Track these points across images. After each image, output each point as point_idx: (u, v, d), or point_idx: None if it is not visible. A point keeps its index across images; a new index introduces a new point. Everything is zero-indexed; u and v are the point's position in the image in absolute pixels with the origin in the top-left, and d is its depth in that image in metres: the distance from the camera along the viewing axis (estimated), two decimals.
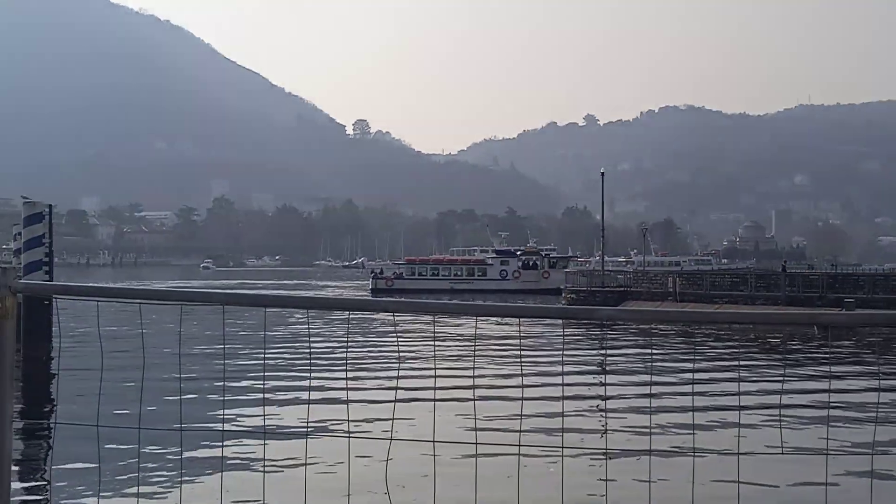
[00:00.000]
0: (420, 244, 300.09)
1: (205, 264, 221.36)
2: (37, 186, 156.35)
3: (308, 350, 25.48)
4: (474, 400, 17.40)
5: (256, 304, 4.56)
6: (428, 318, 22.15)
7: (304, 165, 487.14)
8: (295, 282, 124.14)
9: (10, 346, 4.02)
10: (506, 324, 33.91)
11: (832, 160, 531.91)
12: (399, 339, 34.90)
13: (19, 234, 32.19)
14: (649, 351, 30.51)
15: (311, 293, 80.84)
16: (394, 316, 5.71)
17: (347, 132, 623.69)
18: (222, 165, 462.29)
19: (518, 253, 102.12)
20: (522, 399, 17.46)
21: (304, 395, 17.74)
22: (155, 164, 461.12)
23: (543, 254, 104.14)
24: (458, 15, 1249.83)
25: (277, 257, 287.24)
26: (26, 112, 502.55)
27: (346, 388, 18.56)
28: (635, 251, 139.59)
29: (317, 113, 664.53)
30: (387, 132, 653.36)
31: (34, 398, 18.59)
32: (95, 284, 4.56)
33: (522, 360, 26.75)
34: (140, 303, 4.50)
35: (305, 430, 13.20)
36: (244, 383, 21.46)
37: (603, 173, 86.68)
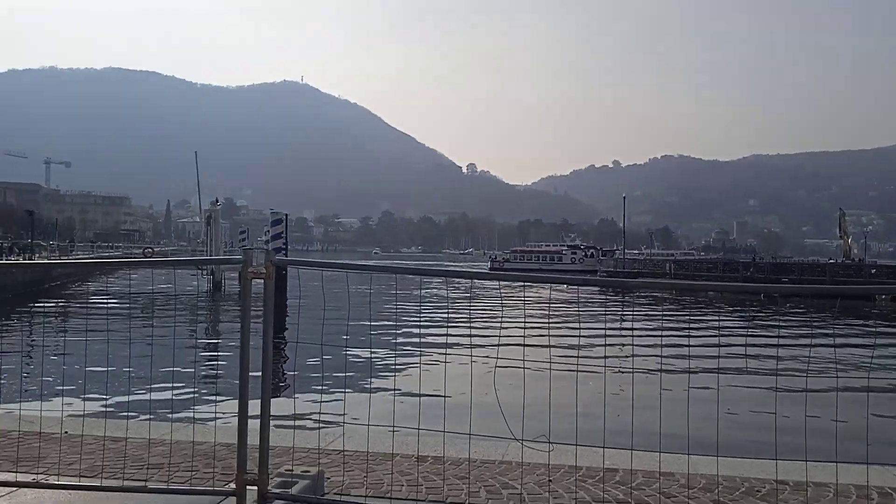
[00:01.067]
0: (507, 241, 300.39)
1: (375, 251, 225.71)
2: (278, 203, 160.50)
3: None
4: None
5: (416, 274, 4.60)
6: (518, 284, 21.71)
7: (436, 191, 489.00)
8: (433, 262, 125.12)
9: (270, 296, 4.13)
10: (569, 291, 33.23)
11: (773, 189, 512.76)
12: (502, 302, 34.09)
13: (268, 230, 33.42)
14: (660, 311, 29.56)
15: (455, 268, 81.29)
16: (499, 284, 5.55)
17: (463, 171, 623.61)
18: (386, 191, 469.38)
19: (582, 246, 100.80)
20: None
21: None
22: (346, 191, 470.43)
23: (599, 248, 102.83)
24: (529, 84, 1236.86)
25: (420, 247, 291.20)
26: (271, 160, 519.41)
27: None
28: (644, 247, 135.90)
29: (443, 159, 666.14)
30: (487, 171, 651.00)
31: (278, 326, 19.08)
32: (310, 259, 4.67)
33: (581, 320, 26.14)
34: (343, 270, 4.56)
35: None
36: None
37: (625, 197, 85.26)
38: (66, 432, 4.90)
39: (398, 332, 15.40)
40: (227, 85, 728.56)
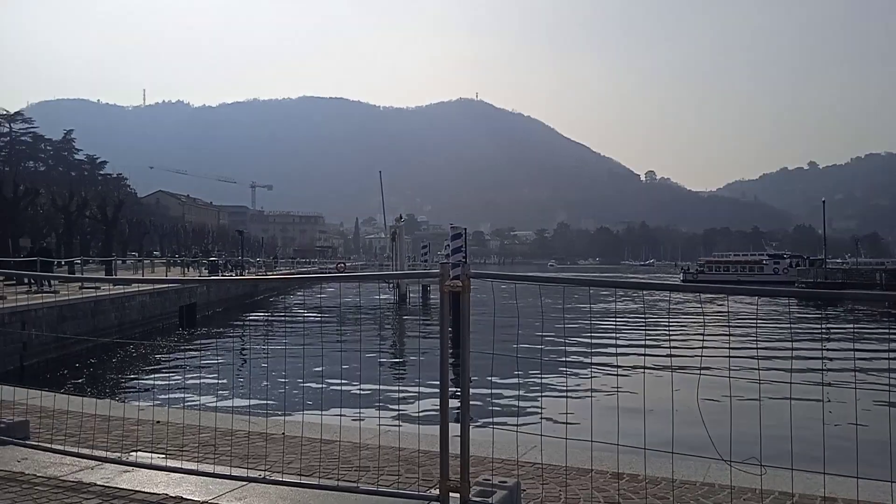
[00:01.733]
0: (692, 251, 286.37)
1: (550, 263, 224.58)
2: (456, 217, 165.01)
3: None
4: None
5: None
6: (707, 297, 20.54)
7: (613, 201, 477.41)
8: (612, 274, 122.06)
9: (467, 307, 4.26)
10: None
11: None
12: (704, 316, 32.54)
13: (447, 244, 34.45)
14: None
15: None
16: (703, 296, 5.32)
17: (641, 179, 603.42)
18: (562, 202, 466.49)
19: (785, 256, 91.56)
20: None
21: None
22: (521, 203, 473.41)
23: (806, 256, 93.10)
24: (709, 86, 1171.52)
25: (597, 258, 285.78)
26: (448, 176, 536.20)
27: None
28: (849, 255, 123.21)
29: (620, 167, 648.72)
30: (667, 178, 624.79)
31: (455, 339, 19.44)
32: (502, 272, 4.75)
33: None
34: (527, 283, 4.59)
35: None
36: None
37: (824, 201, 78.32)
38: (282, 433, 5.36)
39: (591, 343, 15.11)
40: (407, 106, 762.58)
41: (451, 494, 3.84)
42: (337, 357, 5.37)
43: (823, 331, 24.10)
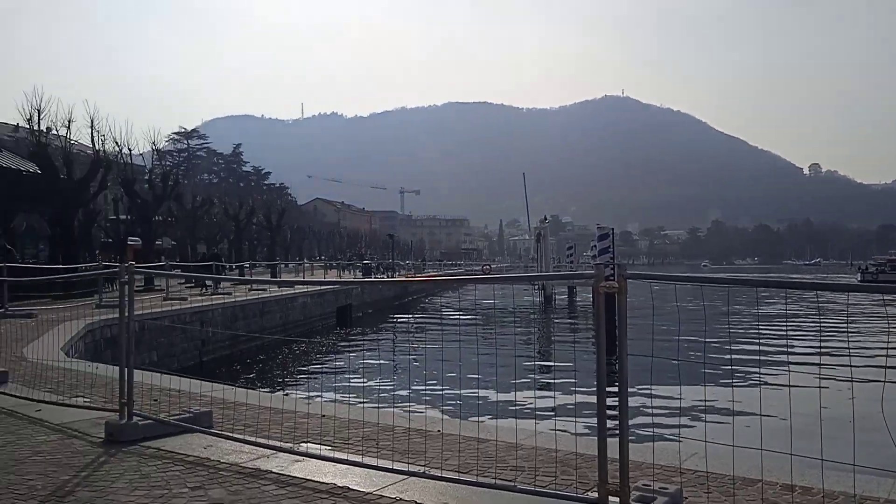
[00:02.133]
0: (863, 249, 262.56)
1: (704, 263, 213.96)
2: (602, 217, 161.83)
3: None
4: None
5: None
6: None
7: (772, 197, 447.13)
8: (778, 275, 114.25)
9: (624, 310, 4.16)
10: None
11: None
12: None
13: (594, 245, 33.82)
14: None
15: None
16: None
17: (805, 172, 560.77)
18: (716, 199, 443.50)
19: None
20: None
21: None
22: (672, 201, 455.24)
23: None
24: (880, 67, 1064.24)
25: (756, 258, 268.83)
26: (594, 175, 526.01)
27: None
28: None
29: (779, 160, 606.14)
30: (835, 170, 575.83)
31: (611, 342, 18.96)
32: (659, 273, 4.61)
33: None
34: (685, 284, 4.41)
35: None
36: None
37: None
38: (438, 431, 5.50)
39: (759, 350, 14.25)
40: (550, 106, 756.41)
41: (610, 498, 3.77)
42: (486, 359, 5.46)
43: None
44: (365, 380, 12.59)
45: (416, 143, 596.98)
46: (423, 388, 9.75)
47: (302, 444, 5.14)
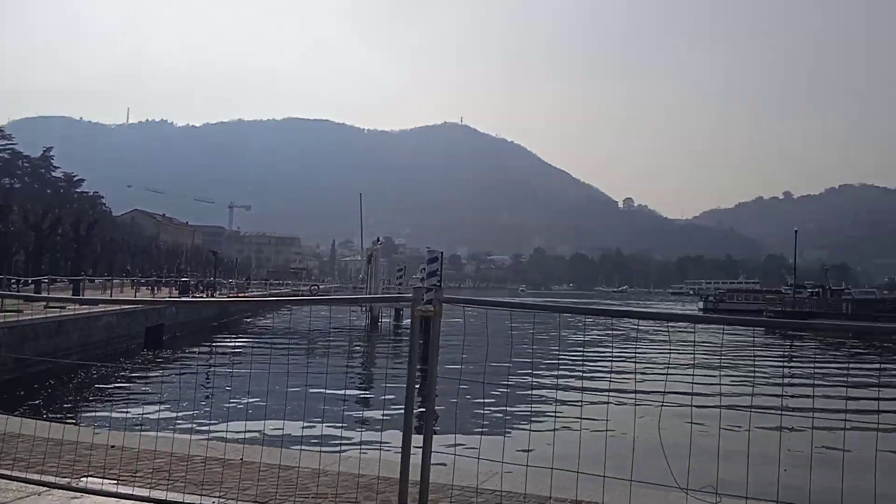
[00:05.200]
0: (666, 279, 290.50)
1: (521, 288, 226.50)
2: (434, 241, 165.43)
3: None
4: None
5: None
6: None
7: (590, 228, 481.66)
8: (590, 301, 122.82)
9: (437, 332, 4.25)
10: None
11: None
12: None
13: (423, 268, 34.41)
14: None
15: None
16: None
17: (619, 206, 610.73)
18: (539, 228, 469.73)
19: (808, 286, 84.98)
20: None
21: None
22: (500, 226, 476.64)
23: (827, 287, 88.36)
24: (690, 114, 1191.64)
25: (571, 284, 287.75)
26: (429, 199, 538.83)
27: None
28: (812, 283, 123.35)
29: (599, 193, 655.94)
30: (645, 205, 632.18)
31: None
32: (473, 297, 4.76)
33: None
34: (498, 309, 4.61)
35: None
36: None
37: (796, 231, 79.73)
38: (240, 459, 5.26)
39: (557, 371, 15.06)
40: (392, 129, 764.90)
41: None
42: (304, 381, 5.31)
43: (786, 361, 24.35)
44: (161, 407, 11.84)
45: (252, 157, 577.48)
46: (230, 413, 9.31)
47: (82, 479, 4.68)
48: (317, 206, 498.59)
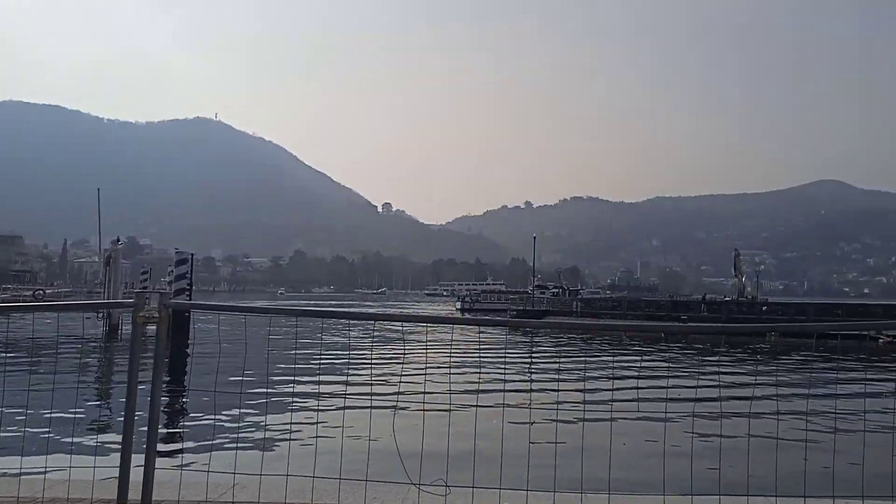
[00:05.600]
0: (422, 279, 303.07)
1: (280, 291, 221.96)
2: (185, 242, 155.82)
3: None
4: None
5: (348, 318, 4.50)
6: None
7: (350, 231, 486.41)
8: (349, 302, 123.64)
9: (163, 339, 3.96)
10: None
11: (674, 230, 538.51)
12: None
13: (171, 271, 32.19)
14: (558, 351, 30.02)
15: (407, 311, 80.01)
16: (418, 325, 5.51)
17: (378, 210, 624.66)
18: (299, 230, 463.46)
19: (551, 287, 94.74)
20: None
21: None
22: (257, 228, 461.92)
23: (566, 287, 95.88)
24: (445, 125, 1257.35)
25: (332, 287, 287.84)
26: (180, 198, 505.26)
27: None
28: (553, 284, 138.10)
29: (359, 197, 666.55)
30: (403, 210, 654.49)
31: (176, 372, 18.25)
32: (207, 302, 4.54)
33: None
34: (236, 313, 4.43)
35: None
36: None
37: (535, 237, 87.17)
38: None
39: (295, 376, 14.95)
40: (136, 121, 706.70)
41: None
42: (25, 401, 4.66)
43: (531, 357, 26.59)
44: None
45: None
46: None
47: None
48: (47, 202, 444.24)
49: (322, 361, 18.72)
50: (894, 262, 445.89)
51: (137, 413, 3.76)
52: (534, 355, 29.05)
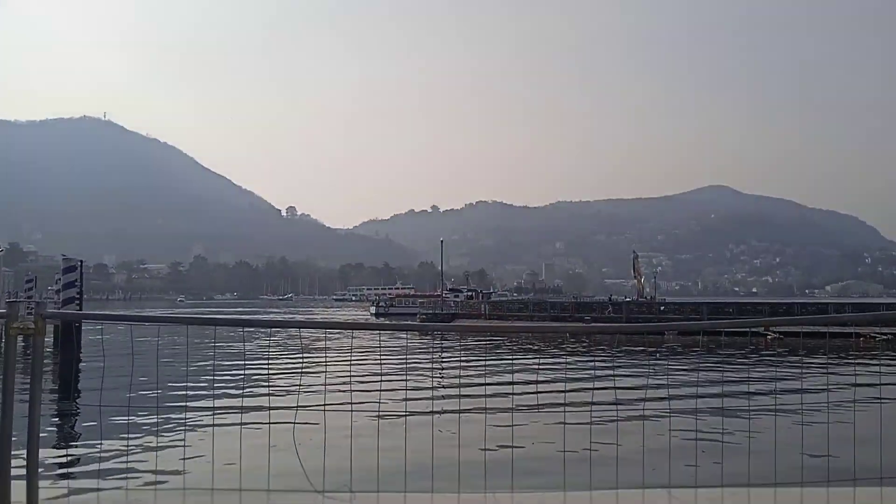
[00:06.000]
0: (330, 285, 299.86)
1: (180, 299, 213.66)
2: (76, 249, 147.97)
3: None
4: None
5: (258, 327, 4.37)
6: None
7: (254, 236, 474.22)
8: (254, 309, 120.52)
9: (40, 353, 3.75)
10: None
11: (577, 233, 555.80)
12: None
13: (59, 279, 30.46)
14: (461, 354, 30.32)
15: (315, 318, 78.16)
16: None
17: (283, 214, 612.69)
18: (200, 235, 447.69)
19: (464, 290, 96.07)
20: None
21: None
22: (155, 233, 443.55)
23: (479, 290, 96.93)
24: (349, 129, 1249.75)
25: (235, 293, 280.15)
26: (68, 202, 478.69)
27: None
28: (466, 288, 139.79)
29: (262, 201, 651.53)
30: (308, 214, 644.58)
31: (65, 388, 17.22)
32: (94, 312, 4.31)
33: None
34: (126, 323, 4.25)
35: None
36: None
37: (442, 241, 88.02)
38: None
39: (213, 390, 14.47)
40: (16, 119, 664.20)
41: None
42: None
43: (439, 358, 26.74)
44: None
45: None
46: None
47: None
48: None
49: (232, 374, 18.18)
50: (778, 263, 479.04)
51: (15, 434, 3.53)
52: (442, 358, 29.23)
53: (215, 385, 16.65)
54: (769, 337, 36.21)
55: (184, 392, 8.37)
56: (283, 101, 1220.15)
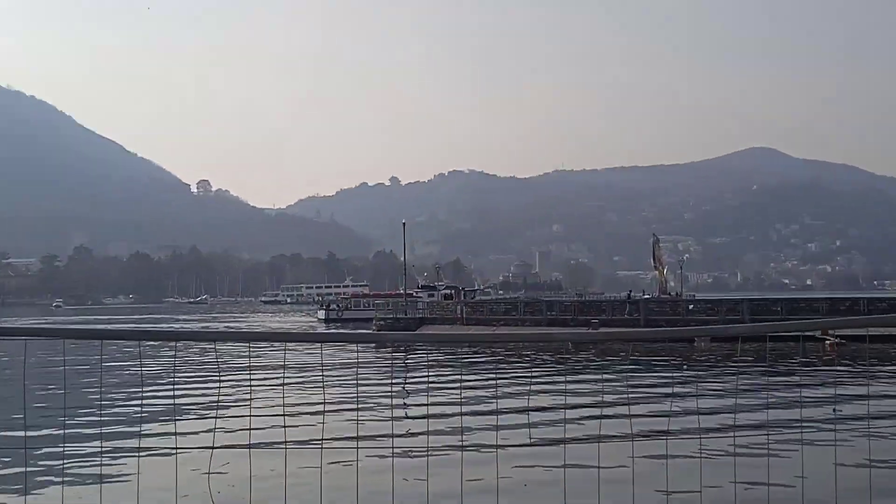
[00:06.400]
0: (256, 283, 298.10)
1: (56, 304, 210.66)
2: None
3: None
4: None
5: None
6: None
7: (155, 219, 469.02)
8: (156, 316, 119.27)
9: None
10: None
11: (580, 212, 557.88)
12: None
13: None
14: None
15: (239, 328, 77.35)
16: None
17: (192, 190, 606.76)
18: (82, 219, 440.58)
19: (441, 287, 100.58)
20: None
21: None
22: (21, 218, 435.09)
23: (462, 287, 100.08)
24: (286, 92, 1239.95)
25: (131, 296, 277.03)
26: None
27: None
28: (444, 285, 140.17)
29: (165, 174, 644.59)
30: (226, 190, 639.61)
31: None
32: None
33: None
34: None
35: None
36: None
37: (404, 223, 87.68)
38: None
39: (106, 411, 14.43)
40: None
41: None
42: None
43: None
44: None
45: None
46: None
47: None
48: None
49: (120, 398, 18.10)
50: (838, 247, 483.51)
51: None
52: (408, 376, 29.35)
53: (103, 419, 16.51)
54: (828, 342, 36.87)
55: (60, 430, 8.30)
56: (192, 46, 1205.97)
